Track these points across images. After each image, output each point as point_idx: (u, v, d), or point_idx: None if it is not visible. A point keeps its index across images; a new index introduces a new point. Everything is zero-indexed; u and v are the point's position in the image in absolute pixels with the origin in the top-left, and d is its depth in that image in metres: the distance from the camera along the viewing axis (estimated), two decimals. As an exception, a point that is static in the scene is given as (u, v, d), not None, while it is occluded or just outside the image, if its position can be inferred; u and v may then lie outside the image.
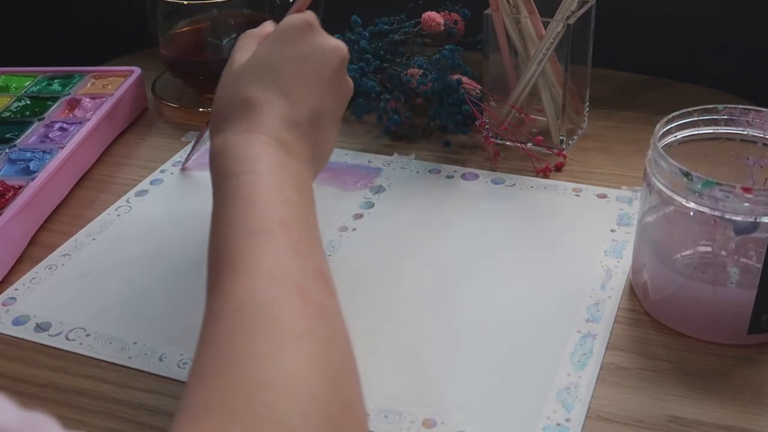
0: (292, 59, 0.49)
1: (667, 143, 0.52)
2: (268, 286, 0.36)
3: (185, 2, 0.79)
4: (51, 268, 0.61)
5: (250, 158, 0.43)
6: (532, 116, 0.72)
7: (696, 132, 0.53)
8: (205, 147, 0.76)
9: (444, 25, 0.80)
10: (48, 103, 0.78)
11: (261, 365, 0.33)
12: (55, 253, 0.62)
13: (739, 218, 0.46)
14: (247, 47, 0.52)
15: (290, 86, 0.48)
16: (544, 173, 0.68)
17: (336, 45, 0.50)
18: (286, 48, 0.49)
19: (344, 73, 0.51)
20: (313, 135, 0.48)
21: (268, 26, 0.54)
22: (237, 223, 0.40)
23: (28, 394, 0.50)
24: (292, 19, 0.50)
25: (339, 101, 0.51)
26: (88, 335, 0.54)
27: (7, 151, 0.70)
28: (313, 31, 0.50)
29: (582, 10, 0.67)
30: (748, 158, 0.53)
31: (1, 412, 0.27)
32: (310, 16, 0.51)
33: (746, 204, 0.45)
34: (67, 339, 0.54)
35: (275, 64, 0.49)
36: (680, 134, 0.52)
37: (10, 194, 0.64)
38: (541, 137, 0.70)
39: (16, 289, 0.59)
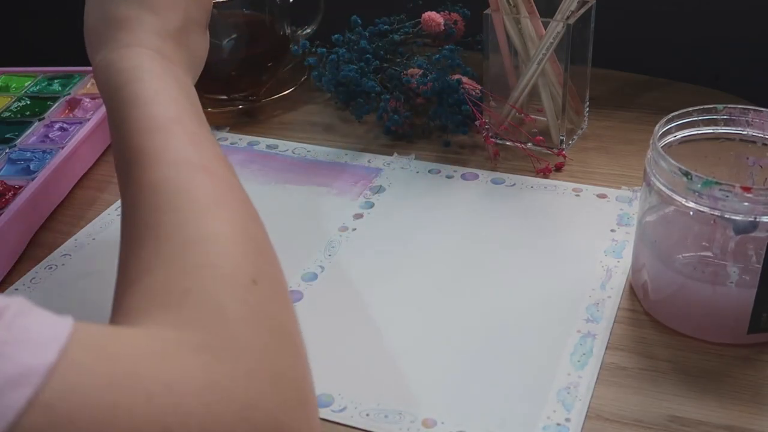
0: None
1: (667, 143, 0.52)
2: (177, 170, 0.40)
3: (185, 2, 0.78)
4: (51, 268, 0.61)
5: (135, 68, 0.47)
6: (532, 116, 0.72)
7: (695, 132, 0.53)
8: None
9: (444, 25, 0.80)
10: (48, 103, 0.78)
11: (188, 228, 0.37)
12: (55, 253, 0.62)
13: (738, 218, 0.46)
14: None
15: (156, 1, 0.51)
16: (544, 173, 0.68)
17: None
18: None
19: None
20: (185, 43, 0.52)
21: None
22: (135, 123, 0.43)
23: (28, 394, 0.50)
24: None
25: (201, 9, 0.55)
26: (88, 335, 0.54)
27: (7, 151, 0.70)
28: None
29: (582, 10, 0.67)
30: (747, 158, 0.53)
31: None
32: None
33: (746, 203, 0.45)
34: (67, 339, 0.54)
35: None
36: (680, 134, 0.52)
37: (10, 194, 0.64)
38: (541, 137, 0.70)
39: (16, 289, 0.59)
